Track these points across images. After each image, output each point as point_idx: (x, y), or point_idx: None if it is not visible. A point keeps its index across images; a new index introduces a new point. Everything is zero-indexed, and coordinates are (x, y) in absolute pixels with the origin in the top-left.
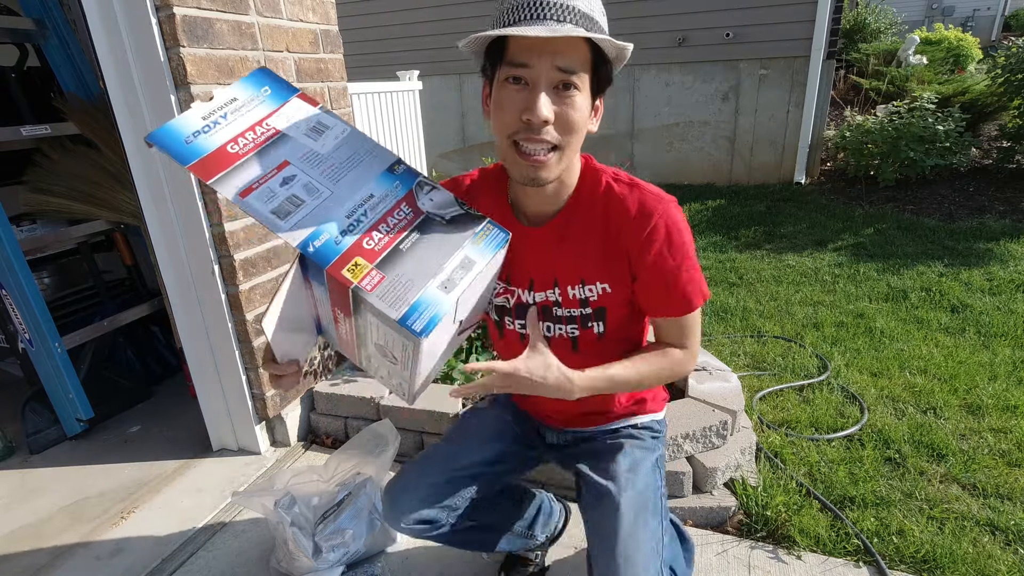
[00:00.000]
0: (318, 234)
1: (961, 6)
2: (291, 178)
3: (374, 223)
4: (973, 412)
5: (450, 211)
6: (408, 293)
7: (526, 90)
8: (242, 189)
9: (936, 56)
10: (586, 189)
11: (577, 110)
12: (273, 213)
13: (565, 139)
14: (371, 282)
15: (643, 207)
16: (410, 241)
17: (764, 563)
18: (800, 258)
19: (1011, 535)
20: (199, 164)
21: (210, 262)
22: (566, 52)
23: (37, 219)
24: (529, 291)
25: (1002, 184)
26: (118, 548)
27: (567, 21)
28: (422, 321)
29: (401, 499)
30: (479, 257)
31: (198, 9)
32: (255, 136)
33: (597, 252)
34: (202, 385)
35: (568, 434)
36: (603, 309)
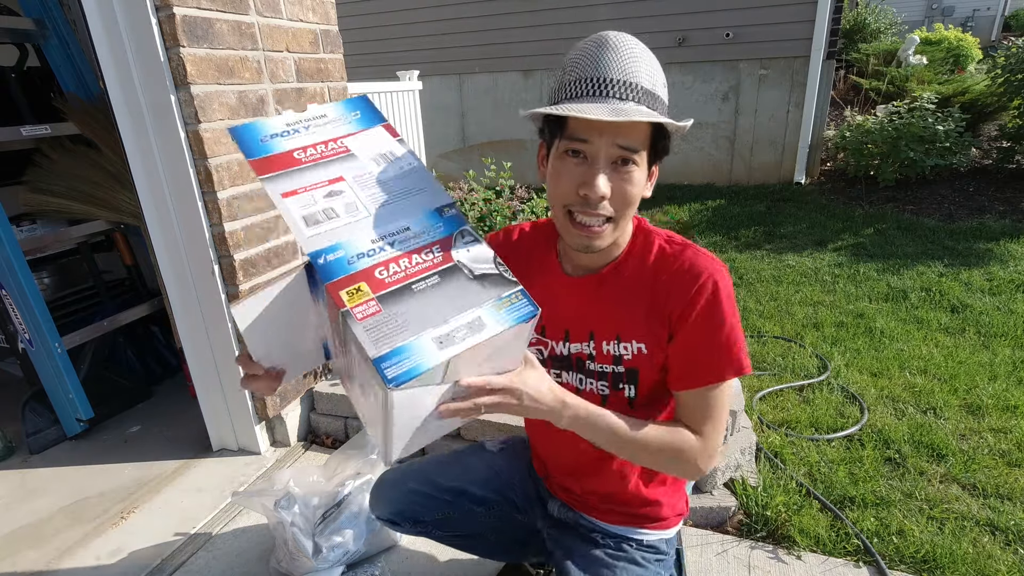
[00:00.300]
0: (335, 248)
1: (961, 6)
2: (337, 193)
3: (397, 255)
4: (973, 412)
5: (482, 267)
6: (397, 335)
7: (584, 164)
8: (287, 191)
9: (936, 56)
10: (637, 247)
11: (634, 184)
12: (303, 218)
13: (620, 212)
14: (364, 311)
15: (693, 266)
16: (426, 284)
17: (764, 563)
18: (800, 258)
19: (1011, 535)
20: (261, 160)
21: (210, 262)
22: (627, 132)
23: (37, 219)
24: (564, 343)
25: (1002, 184)
26: (118, 548)
27: (630, 99)
28: (398, 369)
29: (380, 492)
30: (494, 323)
31: (198, 9)
32: (324, 149)
33: (640, 310)
34: (202, 385)
35: (572, 514)
36: (635, 371)
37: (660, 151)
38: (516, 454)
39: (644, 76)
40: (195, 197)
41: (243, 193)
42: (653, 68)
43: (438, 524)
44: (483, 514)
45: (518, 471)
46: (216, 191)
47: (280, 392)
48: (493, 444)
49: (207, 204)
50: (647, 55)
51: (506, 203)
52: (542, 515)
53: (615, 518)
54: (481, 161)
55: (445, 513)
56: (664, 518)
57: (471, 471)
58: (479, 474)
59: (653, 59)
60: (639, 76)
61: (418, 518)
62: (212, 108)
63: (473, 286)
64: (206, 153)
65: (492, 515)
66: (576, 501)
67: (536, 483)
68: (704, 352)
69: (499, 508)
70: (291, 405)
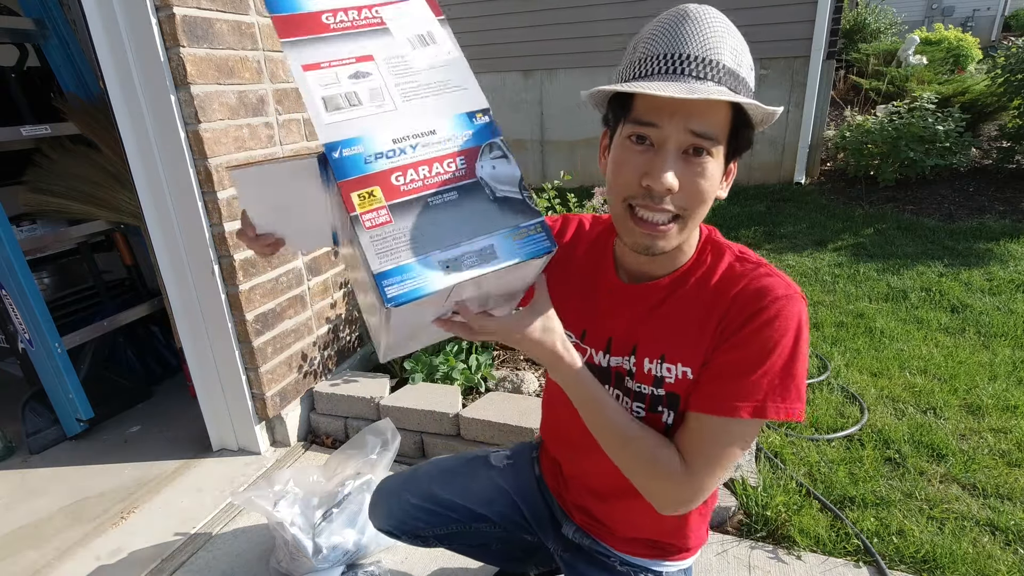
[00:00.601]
0: (353, 143)
1: (961, 6)
2: (364, 75)
3: (417, 161)
4: (973, 412)
5: (505, 189)
6: (403, 251)
7: (650, 152)
8: (308, 63)
9: (936, 56)
10: (703, 260)
11: (707, 179)
12: (323, 100)
13: (689, 210)
14: (374, 220)
15: (763, 288)
16: (443, 199)
17: (764, 563)
18: (800, 258)
19: (1011, 535)
20: (284, 18)
21: (210, 262)
22: (703, 114)
23: (37, 219)
24: (605, 353)
25: (1002, 184)
26: (118, 548)
27: (708, 79)
28: (399, 288)
29: (380, 503)
30: (506, 254)
31: (198, 9)
32: (357, 17)
33: (693, 331)
34: (202, 385)
35: (589, 540)
36: (677, 397)
37: (741, 144)
38: (522, 468)
39: (727, 54)
40: (195, 197)
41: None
42: (739, 46)
43: (440, 538)
44: (486, 530)
45: (526, 490)
46: (216, 191)
47: (280, 392)
48: (498, 457)
49: (207, 204)
50: (733, 31)
51: None
52: (554, 536)
53: (637, 548)
54: None
55: (447, 529)
56: (688, 548)
57: (475, 489)
58: (483, 493)
59: (740, 37)
60: (722, 53)
61: (418, 532)
62: (212, 108)
63: (492, 209)
64: (206, 153)
65: (496, 533)
66: (594, 524)
67: (548, 502)
68: (731, 377)
69: (503, 528)
70: (291, 405)
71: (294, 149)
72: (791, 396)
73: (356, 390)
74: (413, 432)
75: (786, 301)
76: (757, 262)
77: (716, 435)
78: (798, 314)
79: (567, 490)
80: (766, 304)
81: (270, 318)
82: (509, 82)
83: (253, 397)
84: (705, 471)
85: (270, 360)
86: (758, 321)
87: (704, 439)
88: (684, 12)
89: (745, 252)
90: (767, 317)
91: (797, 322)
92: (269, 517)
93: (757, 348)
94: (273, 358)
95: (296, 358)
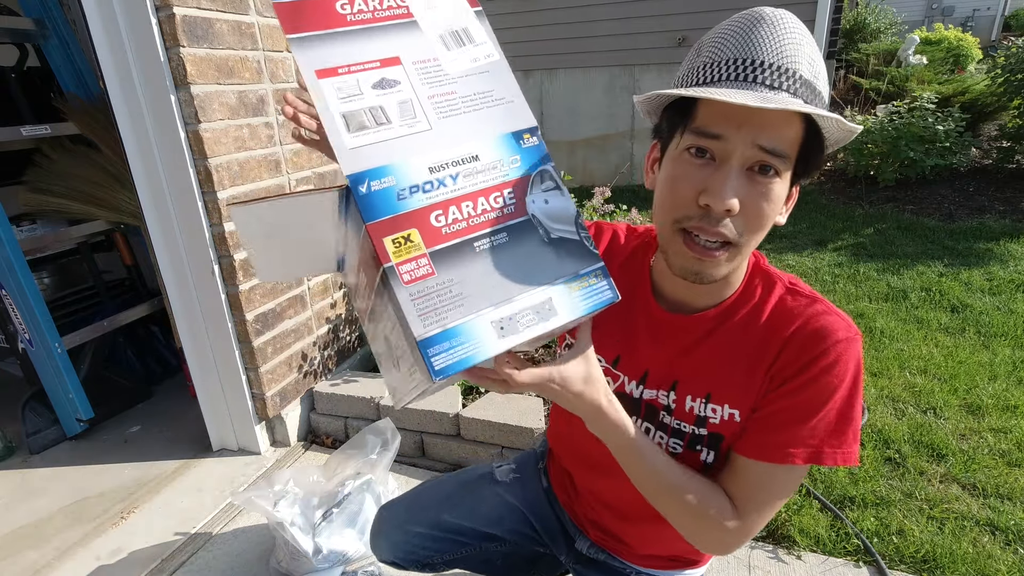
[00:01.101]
0: (383, 173)
1: (961, 6)
2: (391, 83)
3: (460, 196)
4: (973, 412)
5: (561, 229)
6: (450, 311)
7: (711, 167)
8: (322, 67)
9: (936, 56)
10: (752, 292)
11: (771, 201)
12: (343, 116)
13: (746, 235)
14: (413, 272)
15: (823, 329)
16: (491, 242)
17: (764, 563)
18: (800, 258)
19: (1011, 535)
20: (290, 7)
21: (210, 262)
22: (776, 127)
23: (37, 219)
24: (639, 384)
25: (1002, 184)
26: (118, 548)
27: (783, 89)
28: (446, 359)
29: (382, 533)
30: (565, 310)
31: (198, 9)
32: (379, 7)
33: (741, 369)
34: (202, 385)
35: (604, 554)
36: (720, 437)
37: (810, 166)
38: (530, 481)
39: (805, 63)
40: (195, 197)
41: (243, 193)
42: (816, 57)
43: (448, 563)
44: (496, 551)
45: (535, 503)
46: (216, 191)
47: (280, 392)
48: (503, 472)
49: (207, 204)
50: (809, 40)
51: None
52: (567, 550)
53: (655, 563)
54: None
55: (456, 554)
56: (703, 556)
57: (482, 510)
58: (492, 512)
59: (816, 47)
60: (799, 62)
61: (426, 561)
62: (212, 108)
63: (547, 254)
64: (206, 153)
65: (505, 550)
66: (609, 540)
67: (559, 515)
68: (786, 424)
69: (514, 544)
70: (291, 405)
71: (294, 150)
72: (847, 440)
73: (356, 390)
74: (413, 432)
75: (846, 345)
76: (811, 297)
77: (769, 482)
78: (857, 356)
79: (579, 504)
80: (826, 348)
81: (270, 318)
82: None
83: (253, 397)
84: (755, 516)
85: (270, 360)
86: (817, 367)
87: (756, 485)
88: (759, 15)
89: (796, 283)
90: (827, 363)
91: (856, 364)
92: (269, 517)
93: (815, 394)
94: (273, 358)
95: (296, 358)
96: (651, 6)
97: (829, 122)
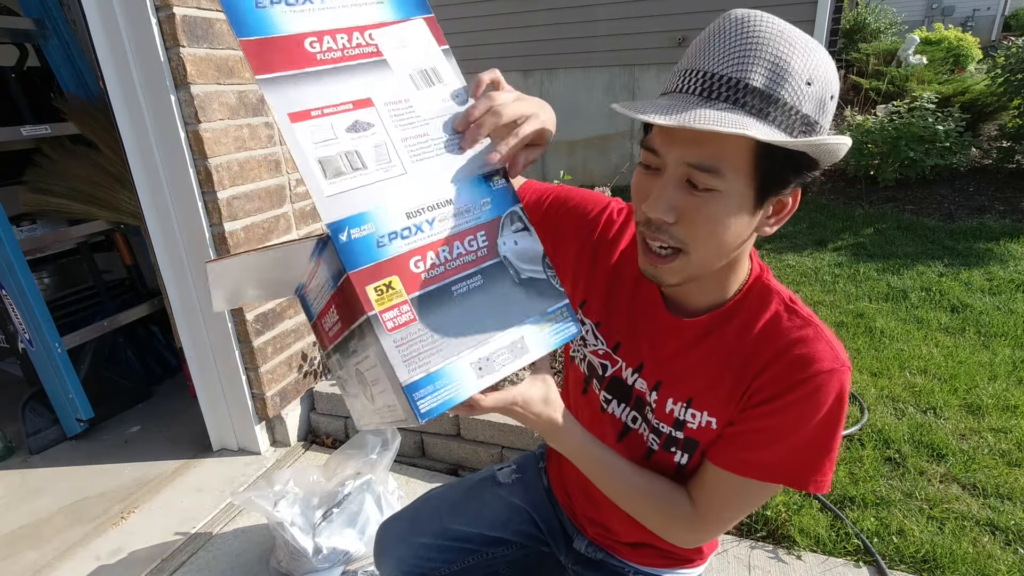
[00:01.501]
0: (362, 220)
1: (961, 6)
2: (365, 126)
3: (436, 240)
4: (973, 412)
5: (530, 269)
6: (432, 355)
7: (655, 178)
8: (296, 110)
9: (936, 56)
10: (748, 303)
11: (713, 215)
12: (320, 162)
13: (691, 244)
14: (396, 319)
15: (808, 356)
16: (468, 286)
17: (764, 563)
18: (800, 258)
19: (1011, 535)
20: (257, 43)
21: None
22: (705, 143)
23: (37, 219)
24: (635, 373)
25: (1002, 184)
26: (118, 548)
27: (720, 99)
28: (431, 401)
29: (386, 548)
30: (536, 347)
31: (198, 9)
32: (348, 44)
33: (727, 381)
34: (202, 385)
35: (602, 552)
36: (695, 443)
37: (777, 179)
38: (532, 480)
39: (759, 70)
40: (195, 197)
41: (243, 193)
42: (783, 61)
43: (456, 574)
44: (503, 555)
45: (538, 503)
46: (216, 191)
47: (280, 392)
48: (505, 474)
49: (207, 204)
50: (781, 41)
51: None
52: (567, 550)
53: (647, 557)
54: None
55: (464, 562)
56: (700, 556)
57: (487, 514)
58: (498, 516)
59: (795, 48)
60: (750, 70)
61: (433, 574)
62: (212, 108)
63: (518, 294)
64: (206, 153)
65: (512, 554)
66: (605, 537)
67: (559, 515)
68: (761, 444)
69: (521, 546)
70: (291, 405)
71: None
72: (822, 469)
73: None
74: (413, 432)
75: (828, 377)
76: (806, 318)
77: (735, 493)
78: (839, 388)
79: (576, 503)
80: (806, 377)
81: (270, 318)
82: (509, 81)
83: (253, 397)
84: (716, 521)
85: (270, 360)
86: (795, 395)
87: (721, 494)
88: (724, 18)
89: (795, 302)
90: (805, 392)
91: (837, 396)
92: (269, 517)
93: (789, 420)
94: (273, 358)
95: (296, 358)
96: (651, 6)
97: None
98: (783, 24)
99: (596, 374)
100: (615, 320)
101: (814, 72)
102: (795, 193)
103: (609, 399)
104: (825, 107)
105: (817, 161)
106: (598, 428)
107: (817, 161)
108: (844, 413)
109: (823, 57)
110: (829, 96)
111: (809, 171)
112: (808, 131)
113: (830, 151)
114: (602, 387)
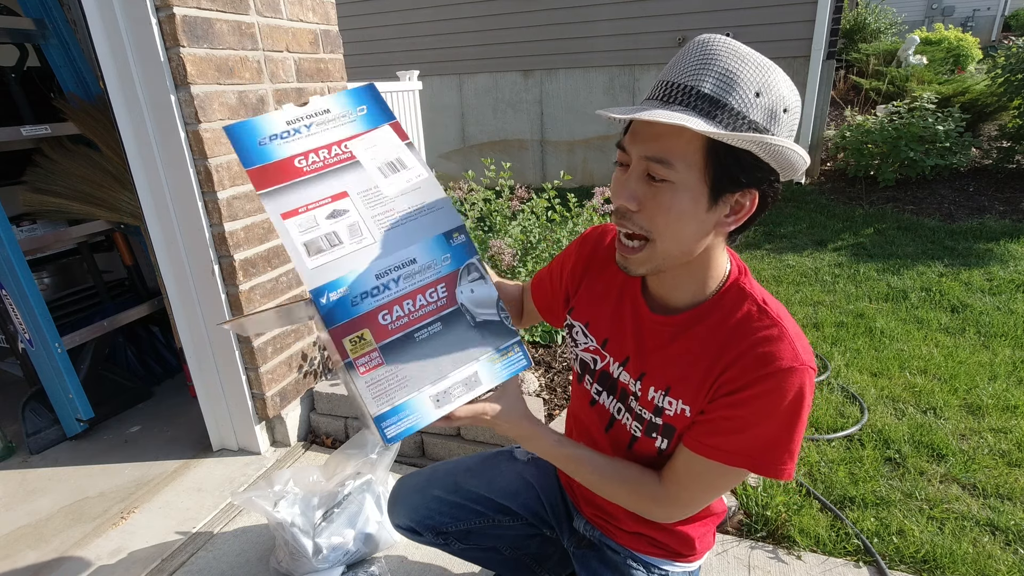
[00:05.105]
0: (338, 285)
1: (961, 6)
2: (341, 213)
3: (401, 296)
4: (973, 412)
5: (484, 313)
6: (397, 392)
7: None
8: (287, 210)
9: (936, 56)
10: (724, 302)
11: (666, 203)
12: (304, 246)
13: (653, 232)
14: (367, 364)
15: (769, 355)
16: (428, 332)
17: (764, 563)
18: (800, 258)
19: (1011, 535)
20: (259, 170)
21: (210, 262)
22: (662, 139)
23: (37, 219)
24: (620, 367)
25: (1002, 184)
26: (118, 548)
27: (675, 103)
28: (397, 428)
29: (401, 498)
30: (488, 379)
31: (198, 9)
32: (328, 156)
33: (700, 372)
34: (202, 385)
35: (597, 533)
36: (673, 429)
37: (728, 176)
38: (544, 463)
39: (709, 79)
40: (195, 197)
41: (243, 193)
42: (732, 73)
43: (461, 536)
44: (508, 526)
45: (549, 483)
46: (216, 191)
47: (280, 392)
48: (521, 452)
49: (207, 204)
50: (730, 60)
51: (506, 203)
52: (568, 530)
53: (642, 545)
54: (481, 161)
55: (471, 523)
56: (695, 551)
57: (500, 482)
58: (510, 485)
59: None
60: (702, 79)
61: (441, 528)
62: (212, 108)
63: (473, 335)
64: (206, 153)
65: (517, 528)
66: (600, 517)
67: (564, 496)
68: (726, 432)
69: (526, 523)
70: (291, 405)
71: None
72: (783, 459)
73: None
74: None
75: (787, 374)
76: (775, 319)
77: (702, 475)
78: (798, 386)
79: (575, 482)
80: (767, 374)
81: None
82: (509, 82)
83: (253, 397)
84: (684, 498)
85: (270, 360)
86: (754, 390)
87: (690, 474)
88: (692, 41)
89: (767, 303)
90: (763, 389)
91: (796, 394)
92: (269, 517)
93: (754, 411)
94: (273, 358)
95: (296, 358)
96: (651, 6)
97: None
98: (741, 46)
99: (588, 369)
100: (604, 318)
101: (764, 86)
102: (752, 195)
103: (600, 391)
104: (777, 118)
105: (773, 168)
106: (590, 418)
107: (773, 168)
108: (804, 409)
109: (778, 76)
110: (782, 109)
111: (764, 175)
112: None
113: (786, 158)
114: (594, 380)
